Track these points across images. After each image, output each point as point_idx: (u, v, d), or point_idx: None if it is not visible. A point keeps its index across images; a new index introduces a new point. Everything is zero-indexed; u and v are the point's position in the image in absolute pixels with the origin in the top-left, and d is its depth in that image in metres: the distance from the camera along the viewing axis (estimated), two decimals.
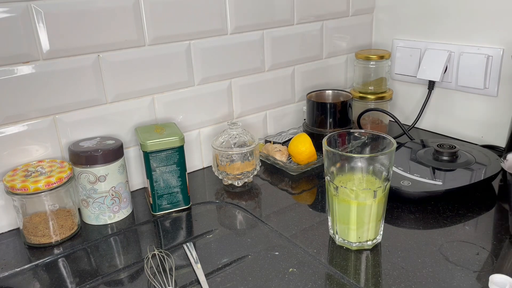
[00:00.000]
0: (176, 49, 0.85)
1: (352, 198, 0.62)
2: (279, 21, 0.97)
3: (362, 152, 0.68)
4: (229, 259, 0.66)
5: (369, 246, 0.65)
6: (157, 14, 0.80)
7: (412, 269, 0.61)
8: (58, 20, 0.71)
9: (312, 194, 0.83)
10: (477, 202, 0.76)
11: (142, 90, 0.83)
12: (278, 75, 1.01)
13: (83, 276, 0.63)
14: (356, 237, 0.65)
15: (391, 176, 0.64)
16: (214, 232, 0.73)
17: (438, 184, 0.76)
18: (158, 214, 0.78)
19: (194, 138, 0.93)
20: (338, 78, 1.14)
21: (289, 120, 1.08)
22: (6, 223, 0.75)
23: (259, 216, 0.76)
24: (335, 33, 1.08)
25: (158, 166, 0.76)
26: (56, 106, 0.75)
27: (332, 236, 0.68)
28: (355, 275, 0.60)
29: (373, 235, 0.65)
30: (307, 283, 0.59)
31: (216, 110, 0.94)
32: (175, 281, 0.61)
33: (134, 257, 0.67)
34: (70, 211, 0.72)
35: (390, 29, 1.12)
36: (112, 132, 0.82)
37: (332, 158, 0.64)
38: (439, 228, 0.70)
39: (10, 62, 0.69)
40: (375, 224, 0.64)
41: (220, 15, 0.88)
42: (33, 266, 0.66)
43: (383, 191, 0.63)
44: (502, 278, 0.55)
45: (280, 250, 0.67)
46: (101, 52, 0.77)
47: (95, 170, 0.72)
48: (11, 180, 0.67)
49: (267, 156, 0.95)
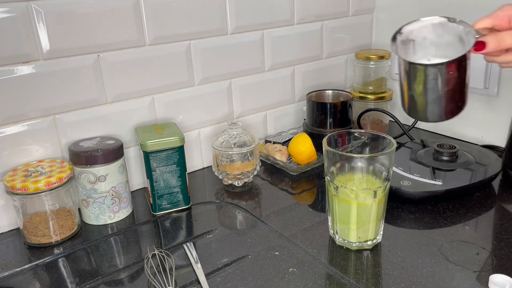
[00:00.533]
0: (176, 49, 0.85)
1: (352, 198, 0.62)
2: (279, 21, 0.97)
3: (362, 152, 0.68)
4: (229, 259, 0.66)
5: (369, 246, 0.65)
6: (157, 14, 0.80)
7: (412, 269, 0.61)
8: (58, 20, 0.71)
9: (312, 194, 0.83)
10: (477, 202, 0.76)
11: (142, 90, 0.83)
12: (278, 75, 1.01)
13: (83, 276, 0.63)
14: (356, 237, 0.65)
15: (391, 176, 0.64)
16: (214, 232, 0.73)
17: (438, 184, 0.76)
18: (158, 214, 0.78)
19: (194, 138, 0.93)
20: (338, 78, 1.14)
21: (289, 120, 1.08)
22: (6, 223, 0.75)
23: (259, 216, 0.76)
24: (335, 33, 1.08)
25: (158, 166, 0.76)
26: (56, 106, 0.75)
27: (332, 236, 0.68)
28: (355, 275, 0.60)
29: (373, 235, 0.65)
30: (307, 283, 0.59)
31: (216, 110, 0.94)
32: (175, 281, 0.61)
33: (134, 257, 0.67)
34: (70, 211, 0.72)
35: (390, 29, 1.12)
36: (112, 132, 0.82)
37: (332, 158, 0.64)
38: (439, 228, 0.70)
39: (10, 62, 0.69)
40: (375, 224, 0.64)
41: (220, 15, 0.88)
42: (33, 266, 0.66)
43: (383, 191, 0.63)
44: (502, 278, 0.55)
45: (280, 250, 0.67)
46: (101, 52, 0.77)
47: (95, 170, 0.72)
48: (11, 180, 0.67)
49: (267, 156, 0.95)
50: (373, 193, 0.62)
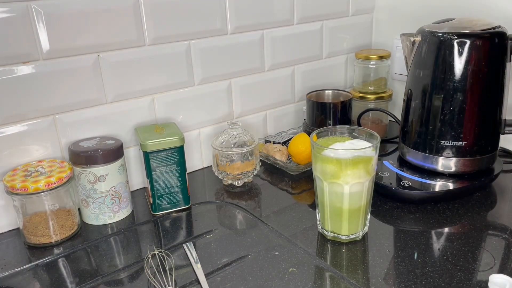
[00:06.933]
0: (176, 49, 0.85)
1: (340, 190, 0.64)
2: (279, 21, 0.97)
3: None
4: (229, 259, 0.66)
5: (359, 237, 0.68)
6: (157, 14, 0.80)
7: (412, 269, 0.61)
8: (58, 20, 0.71)
9: (312, 194, 0.83)
10: (477, 202, 0.76)
11: (142, 90, 0.83)
12: (278, 75, 1.01)
13: (83, 276, 0.63)
14: (348, 230, 0.66)
15: (378, 168, 0.65)
16: (214, 232, 0.73)
17: (438, 184, 0.76)
18: (158, 214, 0.78)
19: (194, 138, 0.93)
20: (338, 78, 1.14)
21: (289, 120, 1.08)
22: (6, 223, 0.75)
23: (259, 216, 0.76)
24: (335, 33, 1.08)
25: (158, 166, 0.76)
26: (56, 106, 0.75)
27: (321, 231, 0.69)
28: (355, 275, 0.60)
29: (362, 226, 0.68)
30: (307, 283, 0.59)
31: (216, 110, 0.94)
32: (175, 281, 0.61)
33: (134, 257, 0.67)
34: (70, 211, 0.72)
35: (390, 29, 1.12)
36: (112, 132, 0.82)
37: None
38: (439, 228, 0.70)
39: (10, 62, 0.69)
40: (365, 215, 0.67)
41: (220, 15, 0.88)
42: (33, 266, 0.66)
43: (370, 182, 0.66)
44: (502, 278, 0.55)
45: (280, 250, 0.67)
46: (101, 52, 0.77)
47: (95, 170, 0.72)
48: (11, 180, 0.67)
49: (267, 156, 0.95)
50: (361, 184, 0.64)
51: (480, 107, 0.75)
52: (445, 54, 0.74)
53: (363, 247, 0.67)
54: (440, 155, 0.78)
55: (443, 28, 0.76)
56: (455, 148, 0.77)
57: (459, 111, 0.75)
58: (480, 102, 0.75)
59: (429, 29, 0.77)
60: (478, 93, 0.74)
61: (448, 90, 0.75)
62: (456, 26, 0.76)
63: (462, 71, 0.73)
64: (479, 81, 0.74)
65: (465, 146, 0.76)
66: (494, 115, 0.77)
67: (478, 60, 0.73)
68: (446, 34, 0.74)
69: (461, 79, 0.74)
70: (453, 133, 0.76)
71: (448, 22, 0.78)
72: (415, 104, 0.80)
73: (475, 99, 0.75)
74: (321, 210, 0.68)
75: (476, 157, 0.77)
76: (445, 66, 0.74)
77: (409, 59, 0.82)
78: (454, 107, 0.75)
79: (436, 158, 0.78)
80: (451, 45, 0.73)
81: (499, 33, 0.73)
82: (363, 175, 0.63)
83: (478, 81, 0.74)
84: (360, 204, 0.65)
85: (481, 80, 0.74)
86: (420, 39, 0.78)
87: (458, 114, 0.75)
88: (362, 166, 0.63)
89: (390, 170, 0.81)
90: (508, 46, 0.74)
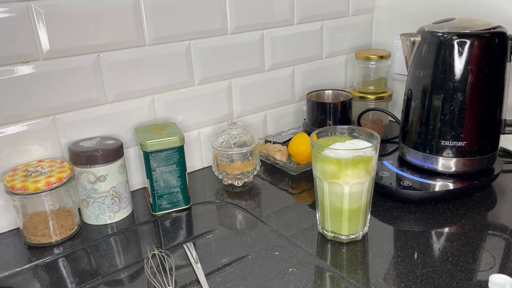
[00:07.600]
0: (176, 49, 0.85)
1: (340, 190, 0.64)
2: (279, 21, 0.97)
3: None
4: (229, 259, 0.66)
5: (359, 238, 0.68)
6: (157, 14, 0.80)
7: (412, 269, 0.61)
8: (58, 20, 0.71)
9: (312, 194, 0.83)
10: (477, 202, 0.76)
11: (142, 90, 0.83)
12: (278, 75, 1.01)
13: (83, 276, 0.63)
14: (348, 230, 0.66)
15: (378, 168, 0.65)
16: (214, 232, 0.73)
17: (438, 185, 0.76)
18: (158, 214, 0.78)
19: (194, 138, 0.93)
20: (338, 78, 1.14)
21: (289, 120, 1.08)
22: (6, 223, 0.75)
23: (259, 216, 0.76)
24: (335, 33, 1.08)
25: (158, 166, 0.76)
26: (56, 106, 0.75)
27: (321, 232, 0.69)
28: (355, 275, 0.60)
29: (362, 226, 0.67)
30: (307, 283, 0.59)
31: (216, 110, 0.94)
32: (175, 281, 0.61)
33: (134, 257, 0.67)
34: (70, 211, 0.72)
35: (390, 29, 1.12)
36: (112, 132, 0.82)
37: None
38: (439, 228, 0.70)
39: (10, 62, 0.69)
40: (365, 216, 0.67)
41: (220, 15, 0.88)
42: (33, 266, 0.66)
43: (370, 183, 0.65)
44: (502, 278, 0.55)
45: (280, 250, 0.67)
46: (101, 52, 0.77)
47: (95, 170, 0.72)
48: (11, 180, 0.67)
49: (267, 156, 0.95)
50: (362, 184, 0.64)
51: (480, 107, 0.75)
52: (445, 54, 0.74)
53: (363, 247, 0.67)
54: (440, 155, 0.78)
55: (443, 28, 0.76)
56: (455, 148, 0.77)
57: (459, 111, 0.75)
58: (480, 102, 0.75)
59: (429, 29, 0.77)
60: (478, 93, 0.74)
61: (448, 90, 0.75)
62: (456, 26, 0.76)
63: (462, 71, 0.73)
64: (479, 81, 0.74)
65: (465, 146, 0.76)
66: (494, 115, 0.77)
67: (478, 60, 0.73)
68: (446, 34, 0.74)
69: (461, 79, 0.74)
70: (453, 133, 0.76)
71: (448, 22, 0.78)
72: (415, 104, 0.80)
73: (475, 99, 0.75)
74: (321, 210, 0.68)
75: (476, 157, 0.77)
76: (445, 66, 0.74)
77: (409, 59, 0.82)
78: (454, 107, 0.75)
79: (436, 158, 0.78)
80: (451, 45, 0.73)
81: (499, 33, 0.73)
82: (363, 175, 0.63)
83: (478, 81, 0.74)
84: (360, 204, 0.65)
85: (481, 80, 0.74)
86: (420, 39, 0.78)
87: (458, 114, 0.75)
88: (362, 166, 0.63)
89: (390, 170, 0.82)
90: (508, 46, 0.74)
